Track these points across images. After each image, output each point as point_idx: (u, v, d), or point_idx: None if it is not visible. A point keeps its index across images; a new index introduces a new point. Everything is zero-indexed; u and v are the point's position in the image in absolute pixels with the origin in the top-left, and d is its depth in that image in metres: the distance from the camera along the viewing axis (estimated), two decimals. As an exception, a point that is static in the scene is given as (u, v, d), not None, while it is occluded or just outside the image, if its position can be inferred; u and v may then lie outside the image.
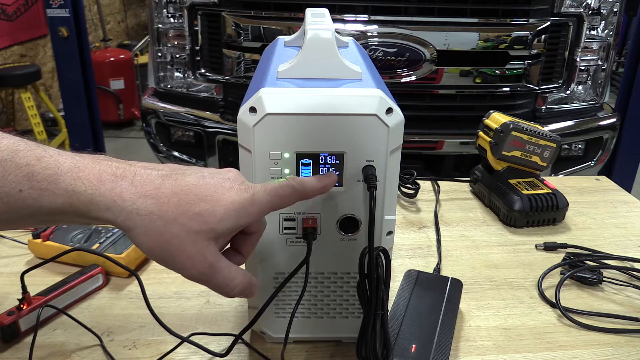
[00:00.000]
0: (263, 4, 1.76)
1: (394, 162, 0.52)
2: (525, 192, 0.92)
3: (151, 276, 0.74)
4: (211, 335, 0.63)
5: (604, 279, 0.75)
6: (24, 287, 0.62)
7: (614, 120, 1.99)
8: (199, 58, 1.89)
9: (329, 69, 0.53)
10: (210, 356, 0.59)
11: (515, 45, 1.75)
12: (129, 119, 4.07)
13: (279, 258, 0.56)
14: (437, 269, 0.77)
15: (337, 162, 0.51)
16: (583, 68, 1.88)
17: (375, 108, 0.49)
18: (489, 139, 0.96)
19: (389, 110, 0.49)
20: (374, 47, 1.71)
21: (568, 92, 1.91)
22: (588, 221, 0.94)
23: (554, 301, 0.70)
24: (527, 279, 0.76)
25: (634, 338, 0.65)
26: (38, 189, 0.39)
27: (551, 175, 1.88)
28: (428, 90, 1.81)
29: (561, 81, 1.90)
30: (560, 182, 1.07)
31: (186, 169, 0.44)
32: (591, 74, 1.91)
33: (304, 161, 0.51)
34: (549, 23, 1.78)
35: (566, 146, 1.98)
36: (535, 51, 1.79)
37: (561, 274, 0.76)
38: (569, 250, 0.83)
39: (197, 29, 1.85)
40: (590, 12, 1.82)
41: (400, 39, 1.71)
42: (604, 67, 1.91)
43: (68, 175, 0.40)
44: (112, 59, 3.91)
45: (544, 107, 1.90)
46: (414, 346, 0.57)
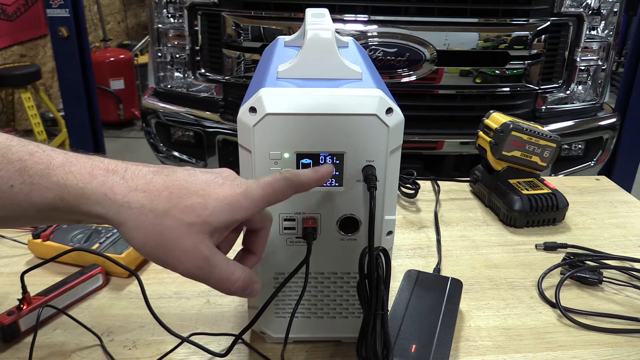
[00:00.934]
0: (263, 4, 1.76)
1: (394, 162, 0.52)
2: (525, 192, 0.92)
3: (151, 276, 0.74)
4: (211, 335, 0.63)
5: (604, 279, 0.75)
6: (24, 287, 0.62)
7: (614, 120, 1.99)
8: (199, 58, 1.89)
9: (329, 69, 0.52)
10: (210, 356, 0.59)
11: (515, 45, 1.75)
12: (129, 119, 4.07)
13: (279, 258, 0.56)
14: (437, 269, 0.78)
15: (337, 162, 0.51)
16: (583, 68, 1.88)
17: (375, 108, 0.49)
18: (489, 139, 0.96)
19: (389, 110, 0.49)
20: (374, 47, 1.71)
21: (568, 92, 1.91)
22: (588, 221, 0.94)
23: (554, 301, 0.70)
24: (527, 279, 0.76)
25: (634, 338, 0.65)
26: (30, 183, 0.39)
27: (551, 175, 1.88)
28: (428, 90, 1.81)
29: (561, 81, 1.90)
30: (560, 182, 1.07)
31: (178, 167, 0.44)
32: (591, 74, 1.91)
33: (304, 161, 0.51)
34: (549, 23, 1.78)
35: (566, 146, 1.98)
36: (535, 51, 1.79)
37: (561, 274, 0.76)
38: (569, 250, 0.83)
39: (197, 29, 1.85)
40: (590, 12, 1.82)
41: (400, 39, 1.71)
42: (604, 67, 1.91)
43: (60, 170, 0.40)
44: (112, 59, 3.91)
45: (544, 107, 1.90)
46: (414, 346, 0.57)
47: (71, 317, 0.63)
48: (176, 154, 2.01)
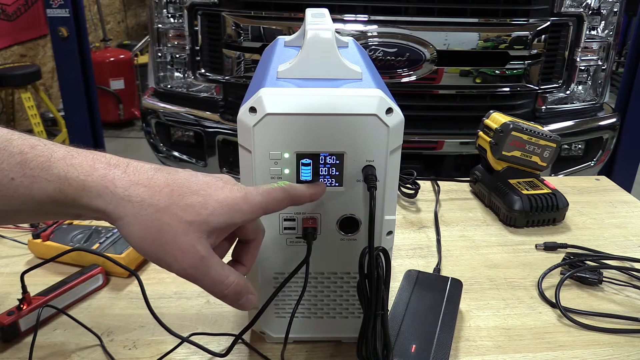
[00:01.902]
0: (263, 4, 1.76)
1: (394, 162, 0.52)
2: (525, 192, 0.92)
3: (151, 276, 0.74)
4: (211, 335, 0.63)
5: (604, 279, 0.75)
6: (24, 287, 0.62)
7: (614, 120, 1.99)
8: (199, 58, 1.89)
9: (329, 69, 0.52)
10: (210, 356, 0.59)
11: (515, 45, 1.75)
12: (129, 119, 4.07)
13: (279, 258, 0.56)
14: (437, 269, 0.77)
15: (337, 162, 0.51)
16: (583, 68, 1.88)
17: (375, 108, 0.49)
18: (489, 139, 0.96)
19: (389, 110, 0.49)
20: (374, 47, 1.71)
21: (568, 92, 1.91)
22: (588, 221, 0.94)
23: (554, 301, 0.70)
24: (527, 279, 0.76)
25: (634, 338, 0.65)
26: (30, 176, 0.39)
27: (551, 175, 1.88)
28: (428, 90, 1.81)
29: (561, 81, 1.90)
30: (560, 182, 1.07)
31: (179, 168, 0.45)
32: (591, 74, 1.91)
33: (304, 161, 0.51)
34: (549, 23, 1.78)
35: (566, 146, 1.98)
36: (535, 51, 1.79)
37: (561, 274, 0.76)
38: (569, 250, 0.83)
39: (197, 29, 1.85)
40: (590, 12, 1.82)
41: (400, 39, 1.71)
42: (604, 67, 1.91)
43: (61, 162, 0.40)
44: (112, 59, 3.91)
45: (544, 107, 1.90)
46: (414, 346, 0.57)
47: (71, 317, 0.63)
48: (176, 154, 2.01)
